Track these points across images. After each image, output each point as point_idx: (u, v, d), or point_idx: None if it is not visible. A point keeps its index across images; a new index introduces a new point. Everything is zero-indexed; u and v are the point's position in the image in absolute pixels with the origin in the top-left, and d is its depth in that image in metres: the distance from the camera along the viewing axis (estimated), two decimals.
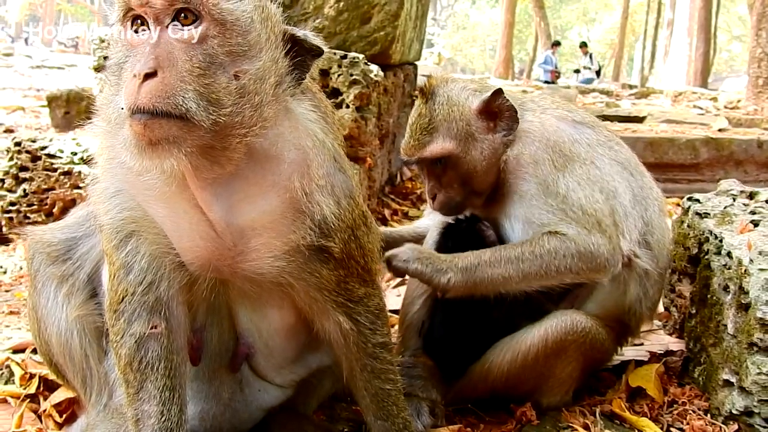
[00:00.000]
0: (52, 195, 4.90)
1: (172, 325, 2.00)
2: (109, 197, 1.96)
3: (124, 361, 1.97)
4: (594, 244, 2.49)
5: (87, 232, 2.35)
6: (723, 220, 2.93)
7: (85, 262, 2.32)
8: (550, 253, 2.48)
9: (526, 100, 2.83)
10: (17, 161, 4.91)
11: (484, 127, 2.68)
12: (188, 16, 1.72)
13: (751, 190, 3.18)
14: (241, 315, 2.19)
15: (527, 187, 2.58)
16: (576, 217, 2.51)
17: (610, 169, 2.68)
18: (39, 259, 2.34)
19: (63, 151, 4.89)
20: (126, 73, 1.72)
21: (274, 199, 1.92)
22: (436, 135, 2.69)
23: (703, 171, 8.85)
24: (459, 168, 2.69)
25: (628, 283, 2.65)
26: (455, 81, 2.81)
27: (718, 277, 2.76)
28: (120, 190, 1.95)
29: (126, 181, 1.93)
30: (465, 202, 2.75)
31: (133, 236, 1.95)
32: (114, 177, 1.96)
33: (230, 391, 2.27)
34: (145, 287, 1.95)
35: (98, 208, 1.99)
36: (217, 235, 1.91)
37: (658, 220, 2.75)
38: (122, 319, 1.98)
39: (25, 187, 4.91)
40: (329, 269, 2.03)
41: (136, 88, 1.65)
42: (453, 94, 2.72)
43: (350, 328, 2.11)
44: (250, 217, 1.91)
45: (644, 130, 9.16)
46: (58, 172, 4.88)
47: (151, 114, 1.65)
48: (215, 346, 2.21)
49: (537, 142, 2.63)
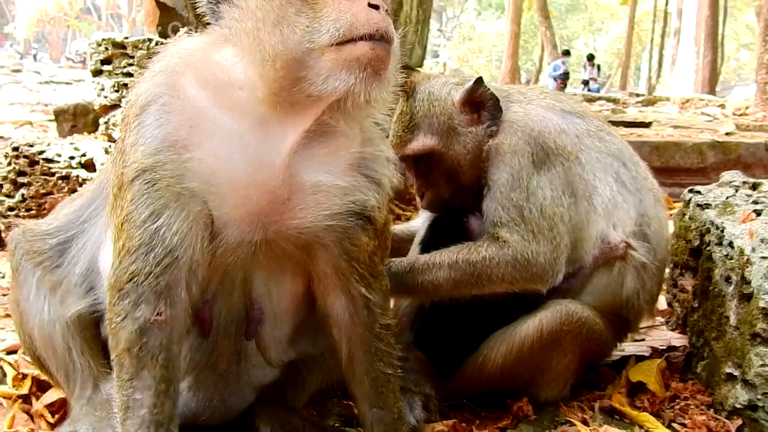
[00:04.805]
0: (51, 199, 4.88)
1: (177, 312, 1.91)
2: (158, 146, 1.87)
3: (123, 345, 1.87)
4: (533, 253, 2.44)
5: (81, 229, 2.29)
6: (725, 211, 2.86)
7: (79, 260, 2.26)
8: (485, 260, 2.44)
9: (513, 91, 2.78)
10: (15, 166, 4.90)
11: (468, 119, 2.64)
12: None
13: (754, 181, 3.12)
14: (257, 281, 2.13)
15: (498, 176, 2.54)
16: (528, 219, 2.46)
17: (595, 164, 2.62)
18: (20, 252, 2.29)
19: (61, 156, 4.87)
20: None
21: (341, 160, 1.98)
22: (417, 132, 2.65)
23: (710, 175, 8.76)
24: (443, 164, 2.65)
25: (625, 275, 2.59)
26: (437, 77, 2.78)
27: (719, 268, 2.68)
28: (174, 140, 1.87)
29: (196, 127, 1.88)
30: (454, 199, 2.70)
31: (169, 207, 1.86)
32: (174, 124, 1.88)
33: (227, 362, 2.20)
34: (162, 268, 1.86)
35: (136, 165, 1.87)
36: (278, 186, 1.90)
37: (655, 211, 2.69)
38: (127, 301, 1.87)
39: (24, 191, 4.89)
40: (368, 238, 2.04)
41: (375, 15, 1.76)
42: (434, 89, 2.68)
43: (364, 305, 2.08)
44: (317, 173, 1.94)
45: (650, 134, 9.09)
46: (56, 176, 4.86)
47: (388, 43, 1.78)
48: (225, 317, 2.14)
49: (520, 132, 2.58)
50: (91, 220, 2.29)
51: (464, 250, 2.48)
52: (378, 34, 1.76)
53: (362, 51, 1.75)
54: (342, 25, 1.75)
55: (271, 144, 1.89)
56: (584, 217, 2.56)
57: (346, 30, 1.75)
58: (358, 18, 1.76)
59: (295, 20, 1.79)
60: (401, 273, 2.48)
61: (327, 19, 1.77)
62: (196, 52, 1.97)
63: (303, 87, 1.81)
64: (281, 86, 1.83)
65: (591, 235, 2.56)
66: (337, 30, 1.75)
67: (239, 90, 1.88)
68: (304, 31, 1.78)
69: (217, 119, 1.89)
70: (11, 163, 4.91)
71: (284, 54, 1.79)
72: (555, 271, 2.48)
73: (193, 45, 2.00)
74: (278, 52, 1.79)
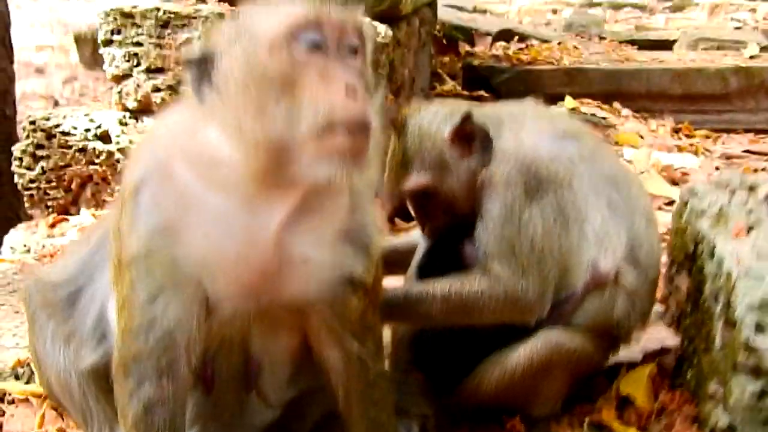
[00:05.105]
0: (69, 171, 5.01)
1: (179, 387, 2.05)
2: (151, 234, 1.97)
3: (130, 423, 2.04)
4: (522, 289, 2.53)
5: (89, 278, 2.43)
6: (718, 221, 2.88)
7: (90, 310, 2.40)
8: (476, 294, 2.54)
9: (505, 115, 2.78)
10: (33, 140, 4.99)
11: (459, 153, 2.68)
12: None
13: (752, 182, 3.11)
14: (254, 340, 2.25)
15: (491, 207, 2.60)
16: (519, 253, 2.54)
17: (587, 190, 2.67)
18: (35, 303, 2.46)
19: (76, 128, 4.96)
20: (314, 87, 1.81)
21: (329, 231, 2.07)
22: (411, 169, 2.70)
23: (733, 101, 8.66)
24: (439, 197, 2.71)
25: (616, 299, 2.67)
26: (427, 109, 2.79)
27: (709, 283, 2.75)
28: (166, 226, 1.97)
29: (186, 209, 1.97)
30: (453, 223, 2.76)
31: (165, 291, 1.98)
32: (164, 208, 1.98)
33: (231, 412, 2.36)
34: (162, 349, 1.99)
35: (131, 250, 1.99)
36: (268, 261, 1.99)
37: (646, 233, 2.74)
38: (131, 380, 2.01)
39: (43, 164, 5.02)
40: (358, 300, 2.14)
41: (352, 103, 1.80)
42: (424, 124, 2.71)
43: (357, 357, 2.20)
44: (305, 247, 2.03)
45: (672, 60, 8.89)
46: (73, 149, 4.96)
47: (366, 128, 1.81)
48: (226, 373, 2.28)
49: (512, 161, 2.62)
50: (98, 269, 2.40)
51: (457, 283, 2.58)
52: (355, 123, 1.80)
53: (340, 142, 1.80)
54: (319, 116, 1.79)
55: (259, 221, 1.97)
56: (575, 244, 2.63)
57: (323, 122, 1.79)
58: (335, 107, 1.79)
59: (274, 110, 1.83)
60: (395, 303, 2.59)
61: (306, 110, 1.81)
62: (184, 132, 2.03)
63: (285, 172, 1.88)
64: (265, 170, 1.90)
65: (582, 262, 2.64)
66: (315, 122, 1.80)
67: (226, 169, 1.95)
68: (283, 121, 1.82)
69: (206, 200, 1.97)
70: (29, 136, 5.01)
71: (265, 143, 1.85)
72: (543, 305, 2.59)
73: (181, 123, 2.06)
74: (259, 140, 1.86)
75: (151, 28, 4.85)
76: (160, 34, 4.85)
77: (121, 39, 4.92)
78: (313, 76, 1.83)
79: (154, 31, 4.85)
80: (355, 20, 1.93)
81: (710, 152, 8.01)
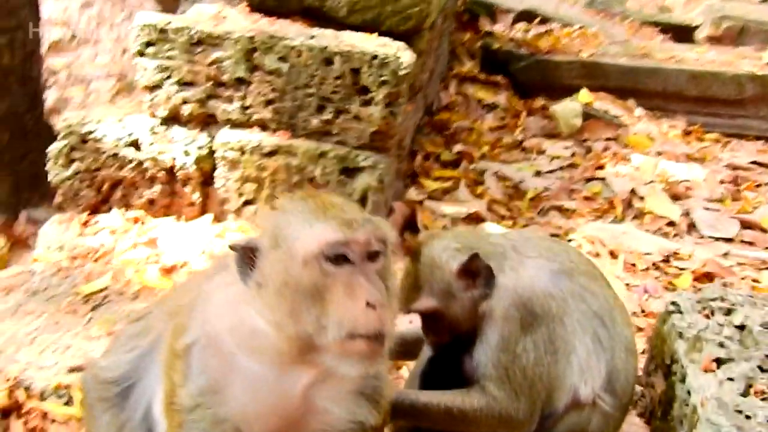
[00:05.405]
0: (101, 174, 5.28)
1: None
2: (200, 392, 2.34)
3: None
4: (515, 409, 2.92)
5: (139, 378, 2.77)
6: (694, 347, 3.22)
7: (139, 405, 2.75)
8: (474, 410, 2.92)
9: (508, 248, 3.09)
10: (68, 142, 5.25)
11: (464, 285, 2.99)
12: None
13: (731, 304, 3.40)
14: None
15: (490, 335, 2.96)
16: (512, 379, 2.91)
17: (576, 326, 3.00)
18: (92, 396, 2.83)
19: (109, 135, 5.21)
20: (340, 299, 2.15)
21: (347, 388, 2.41)
22: (421, 293, 3.02)
23: (747, 107, 8.77)
24: (444, 320, 3.04)
25: (591, 418, 3.03)
26: (440, 239, 3.09)
27: (678, 407, 3.10)
28: (213, 385, 2.34)
29: (229, 371, 2.34)
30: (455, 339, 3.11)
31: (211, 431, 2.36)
32: (211, 370, 2.34)
33: None
34: None
35: (182, 401, 2.36)
36: (294, 411, 2.36)
37: (624, 365, 3.06)
38: None
39: (76, 165, 5.28)
40: None
41: (372, 317, 2.13)
42: (435, 254, 3.02)
43: None
44: (326, 401, 2.39)
45: (690, 59, 8.97)
46: (105, 154, 5.22)
47: (381, 337, 2.15)
48: None
49: (510, 298, 2.95)
50: (146, 371, 2.76)
51: (458, 398, 2.95)
52: (373, 334, 2.14)
53: (360, 348, 2.15)
54: (344, 327, 2.14)
55: (289, 382, 2.34)
56: (561, 372, 2.98)
57: (347, 332, 2.14)
58: (357, 321, 2.13)
59: (306, 314, 2.18)
60: (402, 409, 2.95)
61: (332, 320, 2.15)
62: (230, 307, 2.37)
63: (312, 358, 2.24)
64: (296, 350, 2.25)
65: (565, 386, 2.99)
66: (340, 332, 2.14)
67: (263, 342, 2.29)
68: (313, 326, 2.17)
69: (246, 364, 2.33)
70: (64, 138, 5.27)
71: (296, 338, 2.21)
72: (532, 423, 2.97)
73: (228, 298, 2.39)
74: (290, 333, 2.21)
75: (184, 45, 5.04)
76: (191, 51, 5.04)
77: (153, 52, 5.11)
78: (340, 289, 2.17)
79: (186, 47, 5.04)
80: (378, 232, 2.24)
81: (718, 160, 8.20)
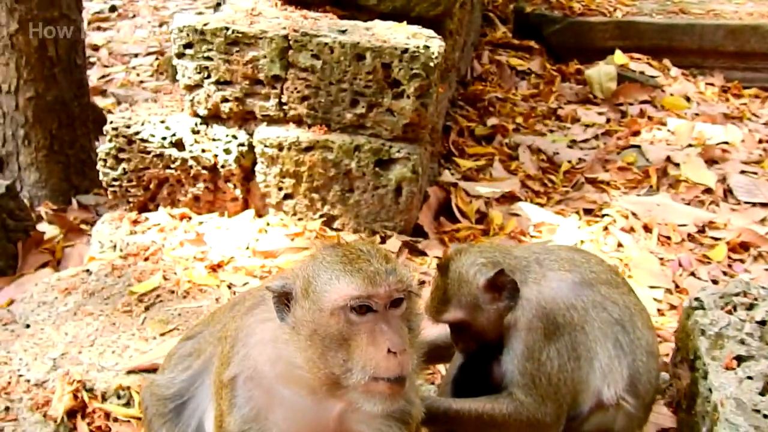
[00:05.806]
0: (148, 173, 5.55)
1: None
2: (244, 420, 2.61)
3: None
4: (542, 414, 3.11)
5: (192, 395, 3.06)
6: (715, 344, 3.36)
7: (193, 420, 3.04)
8: (504, 416, 3.13)
9: (531, 260, 3.28)
10: (115, 144, 5.51)
11: (490, 298, 3.18)
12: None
13: (753, 298, 3.52)
14: None
15: (516, 345, 3.16)
16: (539, 385, 3.11)
17: (597, 333, 3.19)
18: (151, 412, 3.10)
19: (154, 136, 5.45)
20: (364, 346, 2.39)
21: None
22: (450, 305, 3.23)
23: None
24: (471, 330, 3.25)
25: (616, 418, 3.23)
26: (467, 254, 3.26)
27: (700, 403, 3.27)
28: (257, 413, 2.61)
29: (270, 400, 2.60)
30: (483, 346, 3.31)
31: None
32: (255, 399, 2.61)
33: None
34: None
35: (229, 427, 2.63)
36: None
37: (645, 368, 3.24)
38: None
39: (124, 166, 5.55)
40: None
41: (393, 363, 2.36)
42: (463, 269, 3.21)
43: None
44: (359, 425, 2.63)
45: (728, 13, 8.83)
46: (151, 154, 5.47)
47: (402, 380, 2.40)
48: None
49: (534, 310, 3.14)
50: (198, 389, 3.05)
51: (489, 405, 3.16)
52: (394, 377, 2.37)
53: (382, 389, 2.39)
54: (367, 371, 2.37)
55: (324, 409, 2.59)
56: (585, 377, 3.17)
57: (371, 376, 2.38)
58: (379, 366, 2.36)
59: (333, 358, 2.42)
60: (437, 415, 3.16)
61: (357, 364, 2.38)
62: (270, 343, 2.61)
63: (342, 392, 2.47)
64: (326, 387, 2.49)
65: (589, 390, 3.19)
66: (364, 375, 2.38)
67: (299, 374, 2.53)
68: (340, 368, 2.41)
69: (285, 394, 2.59)
70: (112, 140, 5.53)
71: (325, 377, 2.45)
72: (558, 426, 3.18)
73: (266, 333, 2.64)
74: (320, 373, 2.45)
75: (221, 45, 5.21)
76: (228, 51, 5.22)
77: (192, 53, 5.30)
78: (364, 336, 2.40)
79: (223, 48, 5.22)
80: (400, 284, 2.44)
81: (757, 117, 8.15)
